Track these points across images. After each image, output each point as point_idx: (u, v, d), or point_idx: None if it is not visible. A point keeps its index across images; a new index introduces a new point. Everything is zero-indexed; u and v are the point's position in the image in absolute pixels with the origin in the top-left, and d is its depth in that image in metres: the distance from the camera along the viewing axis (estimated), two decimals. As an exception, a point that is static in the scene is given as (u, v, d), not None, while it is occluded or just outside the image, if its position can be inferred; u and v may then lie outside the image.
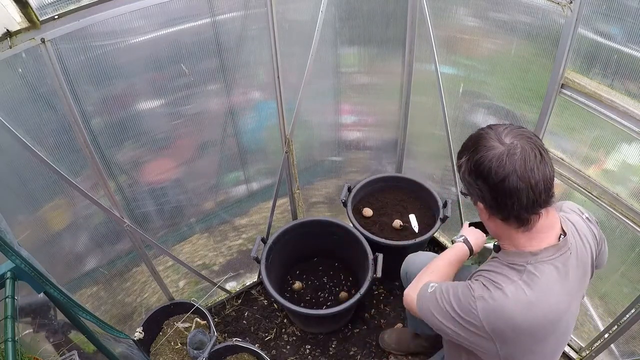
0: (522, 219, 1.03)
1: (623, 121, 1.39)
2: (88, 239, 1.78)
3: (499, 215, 1.06)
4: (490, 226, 1.14)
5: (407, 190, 2.45)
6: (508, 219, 1.04)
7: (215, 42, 1.62)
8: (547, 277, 1.05)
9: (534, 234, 1.07)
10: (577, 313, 1.19)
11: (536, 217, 1.03)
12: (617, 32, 1.35)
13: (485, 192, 1.02)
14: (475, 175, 1.03)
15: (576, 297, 1.15)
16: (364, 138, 2.43)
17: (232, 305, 2.42)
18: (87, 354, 1.49)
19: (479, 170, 1.01)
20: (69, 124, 1.42)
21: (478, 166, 1.01)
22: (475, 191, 1.06)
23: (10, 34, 1.15)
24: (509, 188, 0.97)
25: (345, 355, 2.21)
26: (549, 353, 1.15)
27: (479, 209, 1.11)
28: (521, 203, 0.99)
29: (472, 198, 1.12)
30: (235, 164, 2.08)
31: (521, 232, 1.07)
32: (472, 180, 1.04)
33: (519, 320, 1.03)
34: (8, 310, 1.01)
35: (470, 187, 1.07)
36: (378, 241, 2.12)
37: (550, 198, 1.02)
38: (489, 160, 0.99)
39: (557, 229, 1.09)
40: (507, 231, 1.08)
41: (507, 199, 0.99)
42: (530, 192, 0.97)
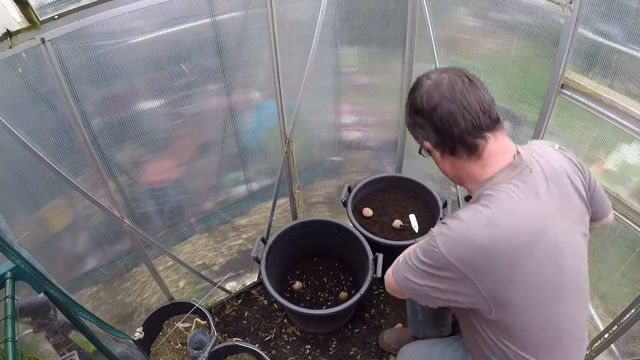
0: (468, 144, 1.02)
1: (623, 121, 1.39)
2: (88, 239, 1.78)
3: (447, 150, 1.06)
4: (446, 169, 1.13)
5: (407, 190, 2.45)
6: (455, 149, 1.04)
7: (215, 42, 1.62)
8: (507, 194, 1.00)
9: (486, 160, 1.04)
10: (576, 249, 1.08)
11: (483, 141, 1.02)
12: (617, 32, 1.35)
13: (426, 128, 1.06)
14: (413, 114, 1.08)
15: (559, 220, 1.05)
16: (364, 138, 2.43)
17: (232, 305, 2.43)
18: (87, 354, 1.49)
19: (414, 107, 1.06)
20: (69, 124, 1.42)
21: (412, 104, 1.07)
22: (419, 132, 1.10)
23: (10, 34, 1.15)
24: (443, 114, 1.01)
25: (345, 355, 2.21)
26: (537, 282, 1.02)
27: (432, 155, 1.13)
28: (460, 126, 1.00)
29: (421, 144, 1.13)
30: (235, 164, 2.08)
31: (474, 162, 1.05)
32: (413, 121, 1.09)
33: (480, 240, 0.97)
34: (8, 310, 1.01)
35: (414, 130, 1.12)
36: (378, 241, 2.12)
37: (493, 122, 1.02)
38: (420, 95, 1.05)
39: (511, 152, 1.06)
40: (462, 166, 1.07)
41: (446, 125, 1.02)
42: (465, 113, 1.00)
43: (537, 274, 1.02)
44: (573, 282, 1.08)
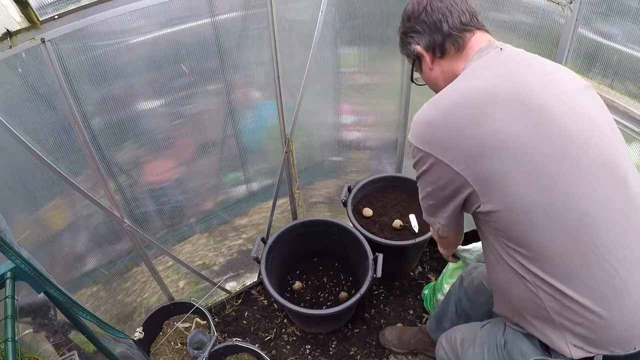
0: (456, 38, 1.08)
1: (623, 121, 1.39)
2: (88, 239, 1.78)
3: (437, 50, 1.11)
4: (437, 77, 1.16)
5: (407, 190, 2.45)
6: (444, 47, 1.09)
7: (215, 42, 1.62)
8: (470, 70, 1.06)
9: (468, 51, 1.09)
10: (580, 110, 0.97)
11: (469, 34, 1.08)
12: (617, 32, 1.35)
13: (417, 30, 1.12)
14: (405, 21, 1.15)
15: (544, 88, 0.97)
16: (364, 138, 2.43)
17: (232, 305, 2.43)
18: (87, 354, 1.49)
19: (406, 14, 1.14)
20: (69, 124, 1.42)
21: (404, 13, 1.15)
22: (410, 39, 1.15)
23: (10, 34, 1.15)
24: (434, 9, 1.08)
25: (345, 355, 2.21)
26: (514, 144, 0.90)
27: (421, 67, 1.18)
28: (449, 21, 1.07)
29: (413, 56, 1.17)
30: (235, 164, 2.08)
31: (459, 56, 1.10)
32: (404, 29, 1.16)
33: (429, 114, 1.02)
34: (8, 310, 1.01)
35: (406, 39, 1.17)
36: (378, 241, 2.12)
37: (478, 22, 1.11)
38: (410, 4, 1.14)
39: (488, 40, 1.11)
40: (449, 68, 1.11)
41: (436, 21, 1.08)
42: (453, 10, 1.07)
43: (510, 135, 0.90)
44: (585, 148, 0.91)
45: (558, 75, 1.05)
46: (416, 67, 1.22)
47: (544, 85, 0.98)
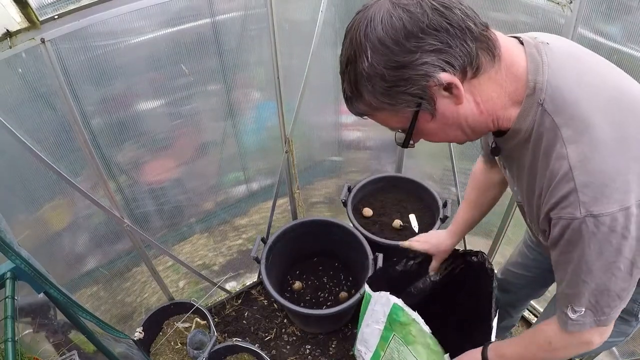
0: (485, 40, 0.73)
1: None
2: (88, 239, 1.78)
3: (472, 67, 0.73)
4: (468, 112, 0.78)
5: (407, 190, 2.45)
6: (478, 58, 0.73)
7: (215, 42, 1.62)
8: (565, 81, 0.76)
9: (507, 58, 0.77)
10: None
11: (492, 33, 0.75)
12: (617, 32, 1.35)
13: (433, 48, 0.69)
14: (403, 44, 0.69)
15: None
16: (364, 138, 2.43)
17: (232, 305, 2.43)
18: (87, 354, 1.49)
19: (398, 37, 0.69)
20: (69, 124, 1.42)
21: (390, 36, 0.69)
22: (423, 69, 0.70)
23: (10, 34, 1.15)
24: (446, 7, 0.70)
25: (345, 355, 2.21)
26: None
27: (441, 104, 0.75)
28: (468, 13, 0.72)
29: (419, 99, 0.74)
30: (235, 164, 2.08)
31: (498, 69, 0.76)
32: (405, 58, 0.70)
33: (617, 163, 0.73)
34: (8, 310, 1.00)
35: (410, 73, 0.71)
36: (378, 241, 2.12)
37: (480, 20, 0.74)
38: (384, 26, 0.69)
39: (507, 37, 0.82)
40: (488, 88, 0.77)
41: (460, 20, 0.70)
42: (462, 7, 0.72)
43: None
44: None
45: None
46: (421, 118, 0.78)
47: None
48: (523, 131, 0.81)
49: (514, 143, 0.85)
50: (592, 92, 0.75)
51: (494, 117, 0.81)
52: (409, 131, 0.80)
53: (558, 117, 0.75)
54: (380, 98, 0.75)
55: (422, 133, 0.83)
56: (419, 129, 0.80)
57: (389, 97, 0.74)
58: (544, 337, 0.99)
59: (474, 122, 0.80)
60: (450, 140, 0.86)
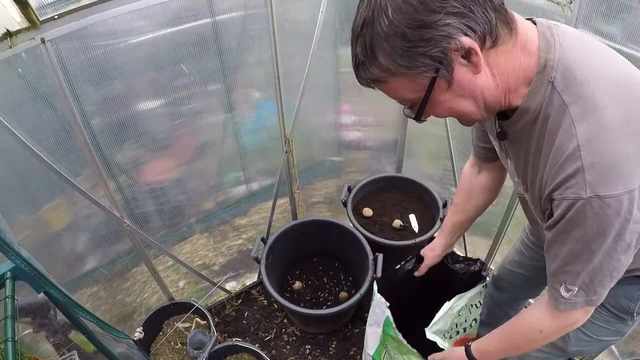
0: (504, 13, 0.74)
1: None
2: (88, 239, 1.78)
3: (491, 35, 0.72)
4: (484, 84, 0.76)
5: (407, 190, 2.45)
6: (497, 27, 0.72)
7: (215, 42, 1.62)
8: (578, 60, 0.75)
9: (522, 33, 0.77)
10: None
11: (506, 7, 0.75)
12: (617, 32, 1.35)
13: (455, 11, 0.67)
14: (426, 3, 0.67)
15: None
16: (364, 138, 2.43)
17: (232, 305, 2.42)
18: (87, 354, 1.49)
19: (412, 1, 0.67)
20: (69, 124, 1.42)
21: (405, 0, 0.67)
22: (444, 30, 0.68)
23: (10, 34, 1.15)
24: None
25: (345, 355, 2.21)
26: None
27: (459, 72, 0.73)
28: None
29: (438, 63, 0.71)
30: (235, 164, 2.08)
31: (514, 43, 0.76)
32: (425, 20, 0.67)
33: (627, 146, 0.72)
34: (8, 310, 1.00)
35: (430, 35, 0.68)
36: (378, 241, 2.12)
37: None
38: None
39: (521, 17, 0.81)
40: (509, 60, 0.76)
41: (472, 1, 0.68)
42: None
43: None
44: None
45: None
46: (437, 86, 0.75)
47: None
48: (532, 110, 0.80)
49: (521, 124, 0.84)
50: (601, 74, 0.75)
51: (507, 92, 0.79)
52: (424, 99, 0.77)
53: (567, 95, 0.74)
54: (398, 60, 0.72)
55: (436, 104, 0.79)
56: (434, 99, 0.77)
57: (408, 58, 0.71)
58: (534, 327, 1.00)
59: (489, 95, 0.78)
60: (462, 115, 0.82)
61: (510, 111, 0.84)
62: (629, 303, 1.09)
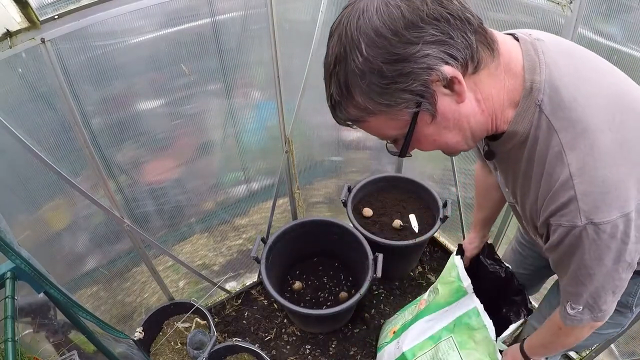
0: (483, 34, 0.69)
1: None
2: (88, 239, 1.78)
3: (473, 60, 0.68)
4: (469, 111, 0.73)
5: (407, 190, 2.45)
6: (478, 52, 0.68)
7: (215, 42, 1.62)
8: (565, 82, 0.73)
9: (505, 53, 0.73)
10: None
11: (487, 28, 0.71)
12: (617, 32, 1.35)
13: (433, 39, 0.64)
14: (402, 33, 0.63)
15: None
16: (364, 138, 2.43)
17: (232, 305, 2.42)
18: (87, 354, 1.49)
19: (397, 27, 0.63)
20: (69, 124, 1.42)
21: (388, 27, 0.63)
22: (423, 61, 0.64)
23: (10, 34, 1.15)
24: (434, 14, 0.63)
25: (345, 355, 2.21)
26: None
27: (442, 102, 0.69)
28: (465, 5, 0.67)
29: (418, 97, 0.67)
30: (235, 164, 2.08)
31: (497, 66, 0.72)
32: (401, 52, 0.63)
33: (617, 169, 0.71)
34: (8, 310, 1.00)
35: (408, 66, 0.64)
36: (378, 241, 2.12)
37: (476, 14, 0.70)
38: (380, 16, 0.63)
39: (502, 34, 0.79)
40: (488, 85, 0.73)
41: (459, 10, 0.65)
42: (455, 1, 0.66)
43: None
44: None
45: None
46: (420, 120, 0.71)
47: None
48: (519, 134, 0.78)
49: (509, 147, 0.82)
50: (591, 92, 0.73)
51: (493, 117, 0.76)
52: (407, 136, 0.73)
53: (556, 120, 0.72)
54: (376, 99, 0.68)
55: (420, 139, 0.75)
56: (418, 133, 0.73)
57: (387, 96, 0.67)
58: (556, 323, 1.03)
59: (476, 122, 0.75)
60: (448, 147, 0.79)
61: (498, 133, 0.82)
62: (628, 298, 1.10)
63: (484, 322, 1.40)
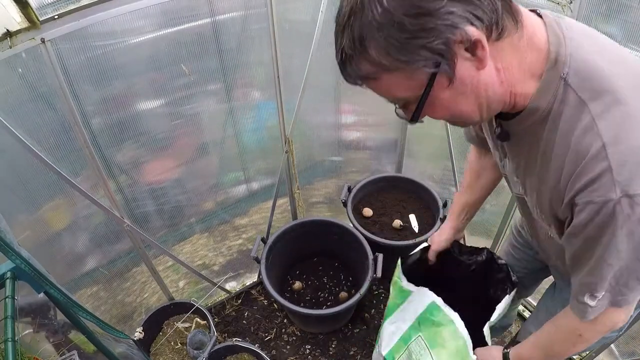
0: (508, 3, 0.67)
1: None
2: (88, 239, 1.78)
3: (497, 26, 0.65)
4: (489, 80, 0.70)
5: (407, 190, 2.45)
6: (503, 19, 0.66)
7: (215, 42, 1.62)
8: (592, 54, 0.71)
9: (529, 26, 0.71)
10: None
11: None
12: (617, 32, 1.35)
13: (455, 1, 0.60)
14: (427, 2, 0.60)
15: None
16: (364, 138, 2.43)
17: (232, 305, 2.43)
18: (87, 354, 1.49)
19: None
20: (69, 124, 1.42)
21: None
22: (447, 20, 0.61)
23: (10, 34, 1.15)
24: None
25: (345, 355, 2.21)
26: None
27: (462, 66, 0.66)
28: None
29: (439, 56, 0.64)
30: (235, 164, 2.08)
31: (520, 37, 0.70)
32: (427, 7, 0.60)
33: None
34: (8, 310, 1.01)
35: (432, 24, 0.61)
36: (378, 241, 2.12)
37: None
38: None
39: (526, 10, 0.75)
40: (515, 55, 0.70)
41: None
42: None
43: None
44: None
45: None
46: (437, 83, 0.67)
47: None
48: (541, 109, 0.74)
49: (527, 124, 0.77)
50: (617, 67, 0.70)
51: (511, 90, 0.73)
52: (422, 98, 0.68)
53: (584, 92, 0.69)
54: (393, 54, 0.63)
55: (434, 104, 0.70)
56: (432, 97, 0.69)
57: (405, 52, 0.63)
58: (572, 330, 0.95)
59: (493, 93, 0.71)
60: (462, 116, 0.74)
61: (512, 113, 0.78)
62: None
63: (449, 317, 1.27)
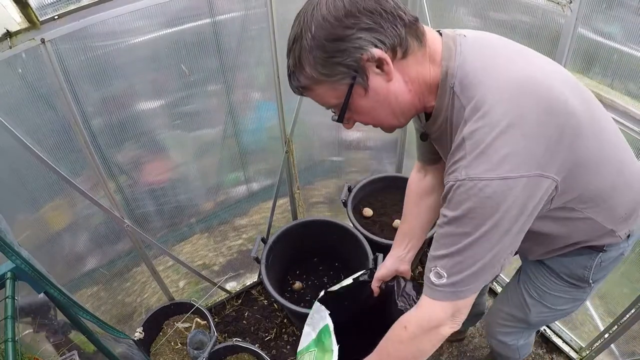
0: (415, 28, 0.83)
1: (623, 121, 1.39)
2: (88, 239, 1.78)
3: (400, 47, 0.82)
4: (397, 90, 0.86)
5: (407, 190, 2.45)
6: (407, 39, 0.82)
7: (215, 42, 1.62)
8: (485, 70, 0.84)
9: (431, 45, 0.87)
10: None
11: (419, 24, 0.86)
12: (616, 31, 1.35)
13: (366, 27, 0.79)
14: (343, 20, 0.79)
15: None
16: (364, 138, 2.43)
17: (232, 305, 2.43)
18: (87, 354, 1.49)
19: (339, 15, 0.79)
20: (69, 124, 1.42)
21: (331, 16, 0.79)
22: (357, 42, 0.80)
23: (10, 34, 1.15)
24: (370, 8, 0.79)
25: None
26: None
27: (373, 79, 0.84)
28: (399, 3, 0.82)
29: (352, 71, 0.82)
30: (235, 164, 2.08)
31: (423, 55, 0.86)
32: (340, 34, 0.79)
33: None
34: (8, 310, 1.00)
35: (344, 46, 0.80)
36: (378, 241, 2.12)
37: (411, 14, 0.85)
38: (328, 7, 0.80)
39: (432, 31, 0.91)
40: (415, 72, 0.86)
41: (392, 8, 0.80)
42: (391, 1, 0.81)
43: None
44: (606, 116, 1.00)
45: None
46: (355, 93, 0.86)
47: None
48: (442, 113, 0.90)
49: (437, 125, 0.94)
50: (495, 76, 0.82)
51: (419, 97, 0.90)
52: (344, 104, 0.87)
53: (463, 98, 0.83)
54: (319, 69, 0.83)
55: (356, 110, 0.90)
56: (353, 104, 0.88)
57: (327, 67, 0.82)
58: (400, 325, 0.98)
59: (403, 100, 0.88)
60: (381, 121, 0.93)
61: (430, 111, 0.94)
62: (584, 271, 1.12)
63: (332, 346, 1.25)
